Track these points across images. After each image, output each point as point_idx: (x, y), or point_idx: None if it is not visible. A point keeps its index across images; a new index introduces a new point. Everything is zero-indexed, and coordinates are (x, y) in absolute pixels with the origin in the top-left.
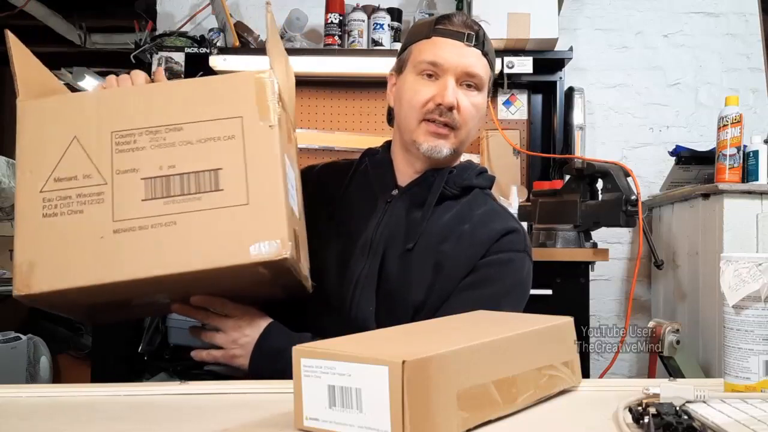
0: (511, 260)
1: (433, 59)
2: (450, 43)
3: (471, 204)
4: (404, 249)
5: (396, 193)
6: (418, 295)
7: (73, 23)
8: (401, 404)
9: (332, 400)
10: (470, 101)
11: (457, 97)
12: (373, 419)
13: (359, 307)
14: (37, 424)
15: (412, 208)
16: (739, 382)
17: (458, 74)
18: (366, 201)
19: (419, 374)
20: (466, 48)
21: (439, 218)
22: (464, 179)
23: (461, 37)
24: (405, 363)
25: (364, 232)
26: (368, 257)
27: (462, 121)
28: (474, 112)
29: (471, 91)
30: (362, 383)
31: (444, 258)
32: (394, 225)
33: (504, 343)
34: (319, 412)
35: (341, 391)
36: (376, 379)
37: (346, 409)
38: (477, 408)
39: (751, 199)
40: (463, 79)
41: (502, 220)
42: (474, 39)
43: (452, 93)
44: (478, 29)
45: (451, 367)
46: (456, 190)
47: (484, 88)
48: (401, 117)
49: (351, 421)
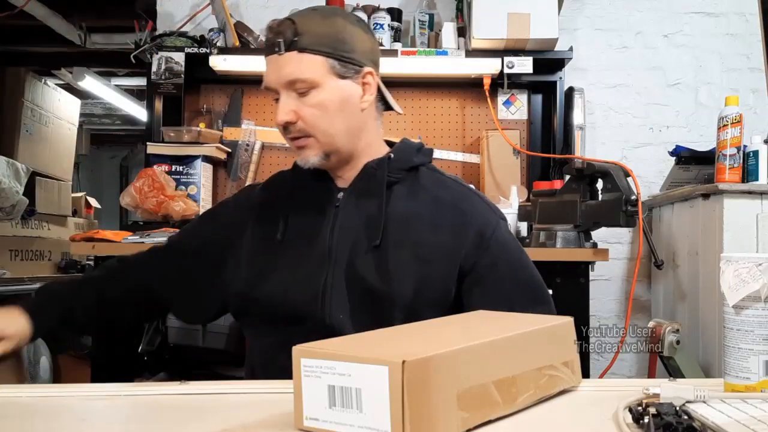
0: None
1: (264, 84)
2: (269, 61)
3: (423, 184)
4: (371, 246)
5: (342, 196)
6: (404, 289)
7: (73, 23)
8: (401, 404)
9: (332, 400)
10: (309, 105)
11: (294, 109)
12: (373, 419)
13: (332, 316)
14: (37, 424)
15: (363, 206)
16: (739, 382)
17: (285, 87)
18: (313, 211)
19: (419, 374)
20: (280, 58)
21: (396, 207)
22: (406, 161)
23: (272, 50)
24: (405, 363)
25: (319, 242)
26: (330, 265)
27: (309, 127)
28: (318, 113)
29: (306, 95)
30: (362, 383)
31: (422, 248)
32: (350, 227)
33: (504, 343)
34: (319, 412)
35: (341, 391)
36: (376, 379)
37: (346, 409)
38: (477, 408)
39: (751, 199)
40: (291, 89)
41: (465, 198)
42: (283, 45)
43: (282, 112)
44: (285, 29)
45: (451, 367)
46: (400, 174)
47: (321, 81)
48: None
49: (351, 421)
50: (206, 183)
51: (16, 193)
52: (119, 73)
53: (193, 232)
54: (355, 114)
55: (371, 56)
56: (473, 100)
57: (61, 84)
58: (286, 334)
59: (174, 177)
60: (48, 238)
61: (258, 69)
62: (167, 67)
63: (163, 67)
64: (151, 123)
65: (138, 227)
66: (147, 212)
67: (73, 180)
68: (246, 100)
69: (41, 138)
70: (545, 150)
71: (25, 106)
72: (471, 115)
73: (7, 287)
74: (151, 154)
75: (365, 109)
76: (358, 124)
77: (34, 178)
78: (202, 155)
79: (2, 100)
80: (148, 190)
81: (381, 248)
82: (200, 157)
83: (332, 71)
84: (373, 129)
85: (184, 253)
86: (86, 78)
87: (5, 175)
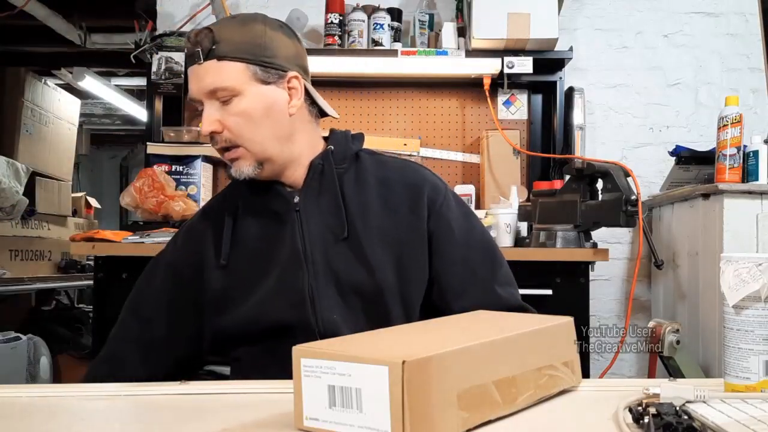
0: (457, 205)
1: (189, 96)
2: (191, 72)
3: (368, 169)
4: (339, 240)
5: (299, 199)
6: (386, 276)
7: (73, 23)
8: (401, 404)
9: (332, 400)
10: (232, 113)
11: (218, 119)
12: (373, 419)
13: (323, 319)
14: (37, 424)
15: (321, 203)
16: (739, 382)
17: (207, 97)
18: (271, 219)
19: (419, 374)
20: (200, 68)
21: (349, 197)
22: (346, 150)
23: (192, 60)
24: (405, 363)
25: (289, 248)
26: (308, 268)
27: (235, 136)
28: (242, 121)
29: (228, 103)
30: (362, 383)
31: (388, 232)
32: (316, 226)
33: (504, 343)
34: (319, 412)
35: (341, 391)
36: (376, 379)
37: (346, 409)
38: (477, 408)
39: (751, 199)
40: (213, 98)
41: (411, 172)
42: (201, 54)
43: (206, 122)
44: (202, 39)
45: (451, 367)
46: (344, 164)
47: (243, 89)
48: None
49: (351, 421)
50: (206, 183)
51: (16, 193)
52: (119, 73)
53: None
54: (283, 120)
55: (296, 60)
56: (473, 100)
57: (61, 84)
58: (273, 348)
59: (174, 177)
60: (48, 238)
61: None
62: (167, 67)
63: (163, 67)
64: (151, 123)
65: (138, 227)
66: (147, 212)
67: (73, 180)
68: None
69: (41, 138)
70: (545, 150)
71: (25, 106)
72: (471, 115)
73: (7, 287)
74: (151, 154)
75: (293, 114)
76: (287, 130)
77: (34, 178)
78: (202, 155)
79: (2, 100)
80: (148, 190)
81: (350, 240)
82: (200, 157)
83: (254, 77)
84: (309, 131)
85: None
86: (86, 78)
87: (5, 175)
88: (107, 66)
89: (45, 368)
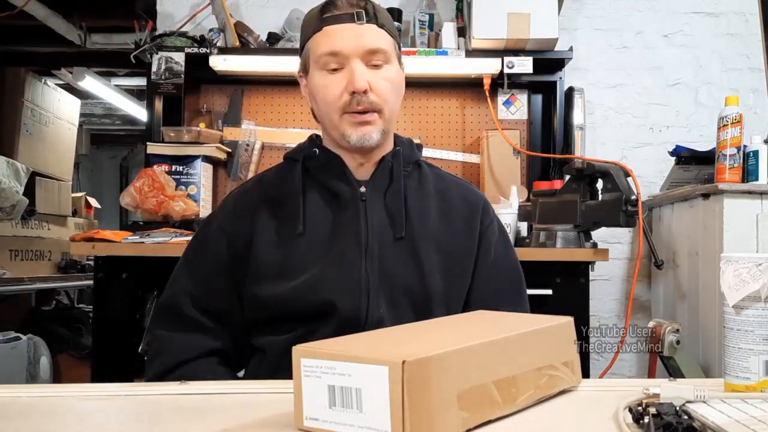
0: (500, 232)
1: (331, 49)
2: (343, 28)
3: (428, 178)
4: (395, 239)
5: (366, 189)
6: (435, 282)
7: (73, 23)
8: (401, 404)
9: (332, 400)
10: (383, 77)
11: (368, 80)
12: (373, 419)
13: (372, 311)
14: (37, 424)
15: (385, 199)
16: (739, 382)
17: (361, 56)
18: (333, 201)
19: (419, 374)
20: (360, 27)
21: (410, 200)
22: (411, 156)
23: (351, 18)
24: (405, 363)
25: (352, 235)
26: (365, 257)
27: (381, 100)
28: (390, 87)
29: (380, 68)
30: (362, 383)
31: (441, 241)
32: (378, 220)
33: (504, 343)
34: (319, 412)
35: (341, 391)
36: (376, 379)
37: (346, 409)
38: (477, 408)
39: (751, 199)
40: (368, 58)
41: (467, 190)
42: (365, 15)
43: (361, 77)
44: (365, 4)
45: (451, 367)
46: (409, 167)
47: (392, 59)
48: (323, 116)
49: (351, 421)
50: (206, 183)
51: (16, 193)
52: (119, 73)
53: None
54: (400, 101)
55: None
56: (473, 100)
57: (61, 84)
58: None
59: (174, 177)
60: (48, 238)
61: (258, 69)
62: (167, 67)
63: (163, 67)
64: (151, 123)
65: (138, 227)
66: (147, 212)
67: (73, 180)
68: (246, 100)
69: (41, 138)
70: (545, 150)
71: (25, 106)
72: (471, 115)
73: (7, 287)
74: (151, 154)
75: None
76: (398, 111)
77: (34, 178)
78: (202, 155)
79: (2, 100)
80: (148, 190)
81: (405, 241)
82: (200, 157)
83: (395, 53)
84: None
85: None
86: (86, 78)
87: (5, 175)
88: (107, 66)
89: (45, 368)
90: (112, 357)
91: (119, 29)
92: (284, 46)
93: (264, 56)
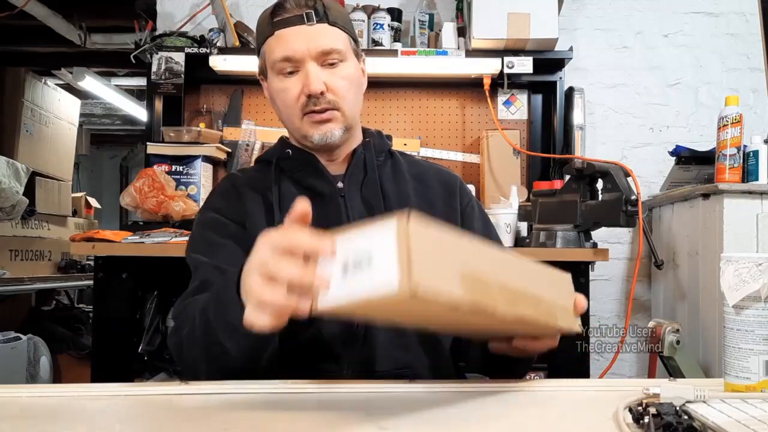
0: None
1: (284, 54)
2: (293, 31)
3: (402, 165)
4: None
5: (343, 184)
6: None
7: (73, 23)
8: (407, 250)
9: (345, 271)
10: (339, 76)
11: (324, 80)
12: (382, 272)
13: None
14: (37, 424)
15: (362, 191)
16: (739, 382)
17: (315, 57)
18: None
19: (425, 231)
20: (311, 28)
21: (387, 189)
22: (383, 145)
23: (300, 19)
24: (411, 215)
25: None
26: None
27: (339, 98)
28: (348, 84)
29: (335, 66)
30: (372, 245)
31: None
32: (359, 213)
33: (513, 259)
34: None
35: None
36: (385, 236)
37: (357, 272)
38: (476, 293)
39: (751, 199)
40: (322, 59)
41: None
42: (314, 15)
43: (316, 79)
44: (314, 3)
45: (458, 246)
46: (381, 157)
47: (347, 55)
48: (285, 119)
49: (362, 281)
50: (206, 183)
51: (16, 193)
52: (119, 73)
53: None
54: (361, 95)
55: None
56: (473, 100)
57: (61, 84)
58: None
59: (174, 177)
60: (48, 238)
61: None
62: (167, 67)
63: (163, 67)
64: (151, 123)
65: (138, 227)
66: (147, 212)
67: (73, 180)
68: (246, 100)
69: (41, 138)
70: (545, 150)
71: (25, 106)
72: (471, 115)
73: (7, 287)
74: (151, 154)
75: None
76: (360, 105)
77: (34, 178)
78: (202, 155)
79: (2, 100)
80: (148, 190)
81: None
82: (200, 157)
83: (352, 49)
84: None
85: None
86: (86, 78)
87: (5, 175)
88: (107, 66)
89: (45, 368)
90: (112, 357)
91: (119, 29)
92: None
93: None
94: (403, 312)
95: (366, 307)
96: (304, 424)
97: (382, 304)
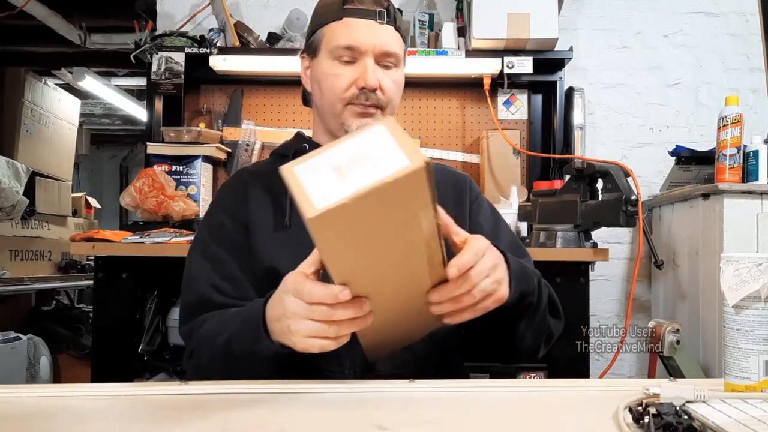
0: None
1: (349, 43)
2: (363, 24)
3: None
4: None
5: None
6: None
7: (73, 23)
8: (403, 138)
9: (341, 175)
10: (391, 79)
11: (378, 78)
12: (387, 159)
13: None
14: (37, 424)
15: None
16: (739, 382)
17: (376, 55)
18: None
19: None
20: (380, 26)
21: None
22: None
23: (373, 15)
24: (388, 118)
25: None
26: None
27: (387, 99)
28: (396, 89)
29: (390, 69)
30: (364, 148)
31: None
32: None
33: None
34: (329, 191)
35: (347, 162)
36: (377, 138)
37: (358, 171)
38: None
39: (751, 199)
40: (381, 59)
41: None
42: (386, 15)
43: (374, 75)
44: (387, 5)
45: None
46: None
47: (401, 63)
48: (323, 103)
49: (365, 176)
50: (206, 183)
51: (16, 193)
52: (119, 73)
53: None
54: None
55: None
56: (473, 100)
57: (61, 84)
58: None
59: (174, 177)
60: (48, 238)
61: (258, 69)
62: (167, 67)
63: (163, 67)
64: (151, 123)
65: (138, 227)
66: (147, 212)
67: (73, 180)
68: (246, 100)
69: (41, 138)
70: (545, 150)
71: (25, 106)
72: (471, 115)
73: (7, 287)
74: (151, 154)
75: None
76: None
77: (34, 178)
78: (202, 155)
79: (2, 100)
80: (148, 190)
81: None
82: (200, 157)
83: (403, 57)
84: None
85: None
86: (86, 78)
87: (5, 175)
88: (107, 66)
89: (45, 368)
90: (112, 357)
91: (119, 29)
92: (284, 46)
93: (264, 56)
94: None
95: (370, 199)
96: (304, 424)
97: (388, 193)
